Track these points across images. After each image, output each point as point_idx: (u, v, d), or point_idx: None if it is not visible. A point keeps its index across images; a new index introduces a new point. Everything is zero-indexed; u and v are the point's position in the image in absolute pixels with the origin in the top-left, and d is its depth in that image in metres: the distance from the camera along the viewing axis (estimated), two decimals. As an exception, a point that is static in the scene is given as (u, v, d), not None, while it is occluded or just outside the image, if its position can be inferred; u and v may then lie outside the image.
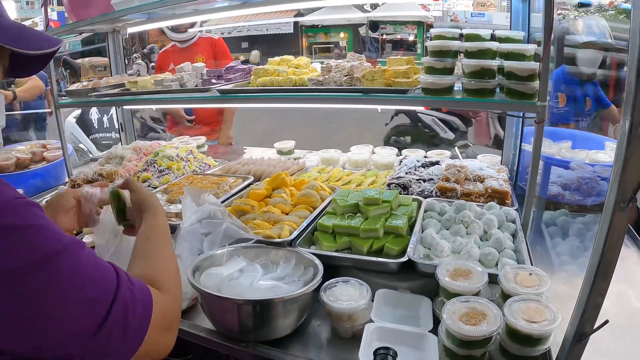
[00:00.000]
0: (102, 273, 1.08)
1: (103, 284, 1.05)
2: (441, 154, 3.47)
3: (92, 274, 1.05)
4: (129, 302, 1.08)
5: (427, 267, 1.94)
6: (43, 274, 0.96)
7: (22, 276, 0.94)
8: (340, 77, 2.65)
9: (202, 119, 5.12)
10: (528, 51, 2.24)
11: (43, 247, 0.98)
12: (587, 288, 1.27)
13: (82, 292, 1.01)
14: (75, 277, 1.01)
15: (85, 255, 1.06)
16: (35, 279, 0.95)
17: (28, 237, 0.97)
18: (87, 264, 1.06)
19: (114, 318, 1.03)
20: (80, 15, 3.47)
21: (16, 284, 0.93)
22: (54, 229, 1.03)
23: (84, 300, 1.01)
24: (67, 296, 0.99)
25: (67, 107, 3.93)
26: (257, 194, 2.70)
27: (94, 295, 1.02)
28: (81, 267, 1.03)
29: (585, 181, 2.57)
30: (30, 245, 0.96)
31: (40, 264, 0.96)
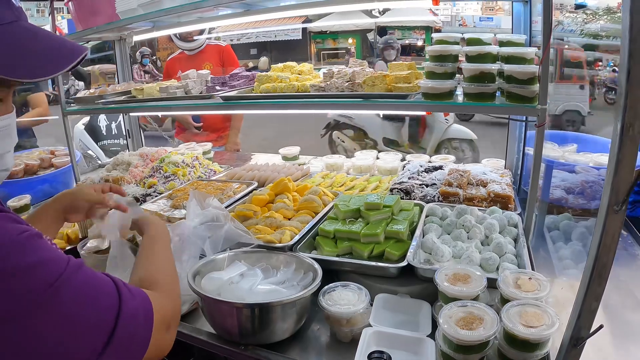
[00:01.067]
0: (102, 291, 1.09)
1: (105, 304, 1.07)
2: (445, 159, 3.47)
3: (92, 296, 1.05)
4: (132, 315, 1.10)
5: (426, 272, 1.94)
6: (47, 311, 0.96)
7: (27, 317, 0.94)
8: (342, 83, 2.66)
9: (209, 126, 5.14)
10: (528, 54, 2.24)
11: (49, 282, 0.98)
12: (582, 292, 1.26)
13: (85, 317, 1.02)
14: (77, 305, 1.01)
15: (83, 276, 1.06)
16: (39, 317, 0.95)
17: (32, 277, 0.96)
18: (87, 286, 1.06)
19: (120, 334, 1.05)
20: (87, 24, 3.52)
21: (20, 326, 0.94)
22: (54, 256, 1.03)
23: (89, 324, 1.02)
24: (71, 325, 0.99)
25: (75, 114, 3.95)
26: (259, 200, 2.71)
27: (97, 317, 1.04)
28: (81, 293, 1.04)
29: (590, 184, 2.56)
30: (37, 284, 0.97)
31: (44, 302, 0.96)
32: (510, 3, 2.89)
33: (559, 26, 3.06)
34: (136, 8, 3.07)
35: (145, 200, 3.10)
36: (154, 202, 3.00)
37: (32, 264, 0.97)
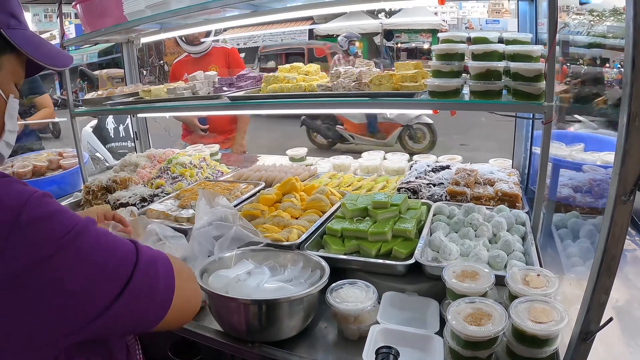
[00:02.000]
0: (119, 241, 1.14)
1: (123, 250, 1.12)
2: (452, 159, 3.47)
3: (110, 243, 1.11)
4: (150, 263, 1.15)
5: (434, 270, 1.94)
6: (71, 253, 1.01)
7: (55, 259, 0.99)
8: (348, 82, 2.66)
9: (215, 128, 5.15)
10: (534, 52, 2.23)
11: (68, 228, 1.03)
12: (591, 286, 1.26)
13: (103, 261, 1.06)
14: (95, 251, 1.06)
15: (100, 229, 1.12)
16: (66, 258, 1.00)
17: (55, 223, 1.02)
18: (104, 235, 1.12)
19: (138, 277, 1.10)
20: (95, 26, 3.53)
21: (52, 269, 0.98)
22: (70, 212, 1.09)
23: (107, 269, 1.06)
24: (89, 268, 1.04)
25: (83, 115, 3.97)
26: (267, 199, 2.71)
27: (116, 260, 1.08)
28: (99, 240, 1.08)
29: (597, 183, 2.55)
30: (57, 230, 1.01)
31: (63, 247, 1.00)
32: (516, 3, 2.89)
33: (566, 28, 3.05)
34: (144, 9, 3.08)
35: (153, 201, 3.11)
36: (161, 202, 3.01)
37: (49, 213, 1.02)
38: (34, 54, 1.20)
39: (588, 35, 4.90)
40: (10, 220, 0.96)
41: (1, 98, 1.20)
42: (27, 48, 1.19)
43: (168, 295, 1.17)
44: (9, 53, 1.18)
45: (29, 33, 1.23)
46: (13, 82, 1.23)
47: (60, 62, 1.30)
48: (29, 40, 1.20)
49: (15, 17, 1.19)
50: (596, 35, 4.99)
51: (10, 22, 1.17)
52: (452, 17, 23.88)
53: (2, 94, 1.20)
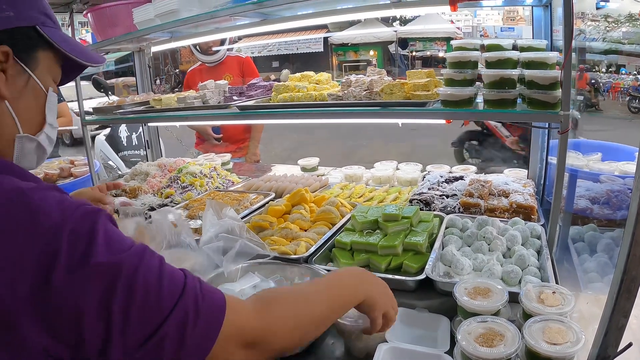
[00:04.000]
0: (169, 277, 1.04)
1: (170, 289, 1.02)
2: (466, 169, 3.41)
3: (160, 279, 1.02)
4: (190, 313, 1.02)
5: (445, 285, 1.88)
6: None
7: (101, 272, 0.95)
8: (359, 91, 2.61)
9: (229, 137, 5.13)
10: (549, 59, 2.17)
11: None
12: (610, 308, 1.19)
13: (140, 297, 0.98)
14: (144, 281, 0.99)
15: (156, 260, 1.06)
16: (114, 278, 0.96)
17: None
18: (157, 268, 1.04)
19: (167, 329, 0.99)
20: (106, 35, 3.54)
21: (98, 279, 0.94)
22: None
23: (139, 307, 0.97)
24: (126, 300, 0.96)
25: (94, 124, 3.97)
26: (276, 210, 2.67)
27: (152, 302, 0.99)
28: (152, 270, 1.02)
29: (615, 194, 2.48)
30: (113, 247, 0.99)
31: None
32: (531, 9, 2.83)
33: (581, 35, 3.00)
34: (153, 18, 3.07)
35: (162, 211, 3.08)
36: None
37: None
38: (69, 50, 1.24)
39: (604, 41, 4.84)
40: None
41: (41, 92, 1.22)
42: (62, 44, 1.22)
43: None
44: (46, 49, 1.21)
45: (62, 33, 1.25)
46: (51, 78, 1.26)
47: (94, 59, 1.34)
48: (64, 39, 1.24)
49: (50, 17, 1.23)
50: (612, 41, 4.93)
51: (45, 20, 1.20)
52: (467, 25, 23.85)
53: (42, 87, 1.22)
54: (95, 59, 1.35)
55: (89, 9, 3.60)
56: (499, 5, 6.71)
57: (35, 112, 1.23)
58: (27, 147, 1.22)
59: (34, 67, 1.18)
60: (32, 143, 1.23)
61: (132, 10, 3.26)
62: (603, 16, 4.48)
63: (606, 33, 5.66)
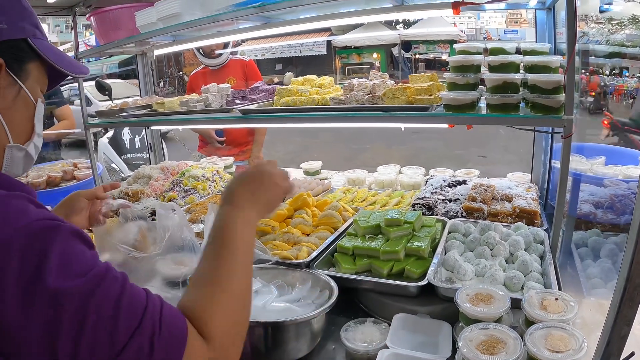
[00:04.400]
0: (127, 306, 0.96)
1: (127, 320, 0.95)
2: (469, 173, 3.40)
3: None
4: (145, 349, 0.94)
5: (447, 291, 1.86)
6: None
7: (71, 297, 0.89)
8: (362, 95, 2.61)
9: (232, 140, 5.13)
10: (553, 63, 2.16)
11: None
12: (612, 316, 1.18)
13: (91, 329, 0.90)
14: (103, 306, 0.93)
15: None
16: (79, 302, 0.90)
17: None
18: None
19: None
20: (109, 38, 3.55)
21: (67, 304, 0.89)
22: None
23: (89, 340, 0.90)
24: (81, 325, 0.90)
25: (97, 127, 3.98)
26: (278, 215, 2.66)
27: (104, 335, 0.91)
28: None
29: (619, 198, 2.46)
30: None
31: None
32: (534, 12, 2.82)
33: (584, 37, 2.99)
34: (156, 22, 3.08)
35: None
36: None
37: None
38: (56, 61, 1.25)
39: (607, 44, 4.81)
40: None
41: (31, 102, 1.24)
42: (50, 56, 1.24)
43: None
44: (36, 61, 1.23)
45: (49, 44, 1.28)
46: (39, 88, 1.27)
47: (79, 70, 1.35)
48: (51, 50, 1.26)
49: (39, 29, 1.25)
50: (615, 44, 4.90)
51: (35, 32, 1.22)
52: (470, 28, 23.86)
53: (32, 99, 1.23)
54: (81, 70, 1.37)
55: (92, 13, 3.61)
56: (502, 8, 6.67)
57: (25, 122, 1.24)
58: (16, 156, 1.22)
59: (24, 79, 1.20)
60: (20, 152, 1.23)
61: (134, 13, 3.26)
62: (606, 19, 4.44)
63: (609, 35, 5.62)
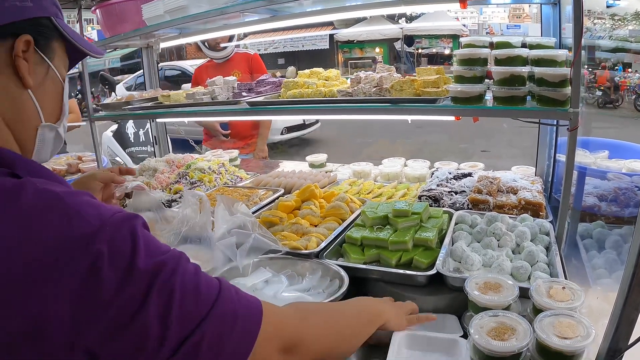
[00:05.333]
0: (205, 282, 1.04)
1: (208, 292, 1.02)
2: (474, 166, 3.42)
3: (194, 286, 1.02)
4: (228, 315, 1.02)
5: (456, 281, 1.89)
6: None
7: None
8: (369, 88, 2.63)
9: (237, 133, 5.15)
10: (559, 57, 2.18)
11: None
12: (621, 302, 1.21)
13: (178, 300, 0.96)
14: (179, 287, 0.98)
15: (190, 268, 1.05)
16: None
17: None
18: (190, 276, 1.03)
19: (205, 331, 0.97)
20: (115, 31, 3.56)
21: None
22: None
23: (177, 309, 0.95)
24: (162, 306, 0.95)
25: (102, 120, 3.99)
26: (286, 206, 2.68)
27: (189, 304, 0.98)
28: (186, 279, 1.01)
29: (623, 191, 2.48)
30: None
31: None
32: (539, 7, 2.84)
33: (587, 33, 3.00)
34: (163, 14, 3.08)
35: (171, 206, 3.10)
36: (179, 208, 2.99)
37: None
38: (77, 40, 1.27)
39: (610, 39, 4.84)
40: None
41: (59, 81, 1.25)
42: (72, 35, 1.25)
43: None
44: (59, 40, 1.23)
45: (67, 24, 1.27)
46: (63, 67, 1.28)
47: (96, 50, 1.38)
48: (71, 30, 1.26)
49: (59, 10, 1.25)
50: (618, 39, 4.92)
51: (57, 12, 1.22)
52: (473, 22, 23.81)
53: (60, 78, 1.25)
54: (97, 50, 1.39)
55: (98, 5, 3.62)
56: (508, 2, 6.67)
57: (55, 101, 1.25)
58: (48, 137, 1.23)
59: (51, 57, 1.21)
60: (52, 132, 1.24)
61: (141, 6, 3.27)
62: (610, 14, 4.46)
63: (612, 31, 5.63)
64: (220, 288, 1.05)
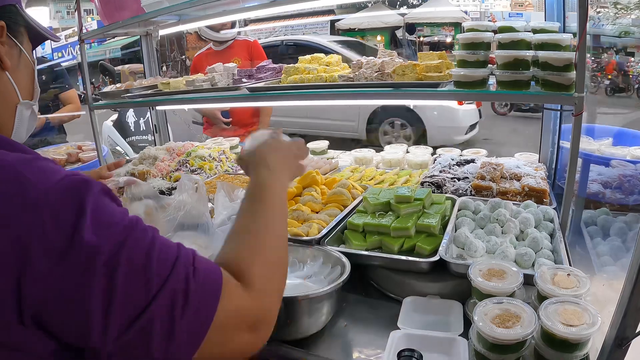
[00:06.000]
0: (158, 253, 0.97)
1: (159, 266, 0.95)
2: (477, 152, 3.38)
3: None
4: (180, 293, 0.94)
5: (459, 267, 1.86)
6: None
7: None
8: (371, 73, 2.59)
9: (238, 121, 5.11)
10: (563, 41, 2.14)
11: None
12: (629, 289, 1.18)
13: (124, 277, 0.90)
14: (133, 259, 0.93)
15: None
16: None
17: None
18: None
19: (154, 310, 0.91)
20: (113, 19, 3.51)
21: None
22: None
23: (123, 287, 0.90)
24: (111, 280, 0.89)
25: (101, 108, 3.96)
26: (287, 192, 2.65)
27: (137, 281, 0.92)
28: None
29: (627, 179, 2.46)
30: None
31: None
32: (544, -8, 2.80)
33: (590, 21, 2.98)
34: (161, 1, 3.04)
35: (171, 194, 3.06)
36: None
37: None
38: (38, 26, 1.34)
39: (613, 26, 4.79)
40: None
41: (30, 63, 1.32)
42: (33, 21, 1.32)
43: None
44: (24, 26, 1.29)
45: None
46: (30, 51, 1.34)
47: (54, 35, 1.48)
48: (31, 17, 1.33)
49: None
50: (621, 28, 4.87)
51: (19, 0, 1.28)
52: (475, 10, 23.64)
53: (30, 60, 1.32)
54: (54, 35, 1.50)
55: (96, -7, 3.58)
56: (512, -11, 6.67)
57: (28, 81, 1.32)
58: (25, 115, 1.29)
59: (21, 41, 1.27)
60: (28, 110, 1.30)
61: (139, -8, 3.23)
62: (612, 3, 4.42)
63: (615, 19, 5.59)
64: (177, 258, 0.98)
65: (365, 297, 2.04)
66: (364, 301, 2.02)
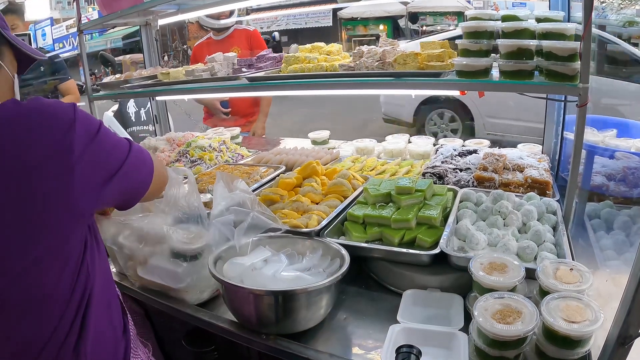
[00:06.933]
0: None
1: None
2: (480, 143, 3.35)
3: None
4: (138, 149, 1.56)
5: (460, 260, 1.83)
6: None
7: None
8: (372, 62, 2.56)
9: (238, 111, 5.08)
10: (568, 30, 2.10)
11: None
12: (633, 286, 1.15)
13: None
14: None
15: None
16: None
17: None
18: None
19: (133, 155, 1.50)
20: (112, 9, 3.48)
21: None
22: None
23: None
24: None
25: (101, 99, 3.93)
26: (286, 183, 2.62)
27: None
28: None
29: (632, 171, 2.42)
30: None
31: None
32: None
33: (595, 11, 2.94)
34: (160, -11, 3.01)
35: (171, 184, 3.04)
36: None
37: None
38: (22, 46, 1.56)
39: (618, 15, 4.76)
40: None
41: (10, 77, 1.53)
42: (16, 42, 1.54)
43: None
44: (7, 46, 1.52)
45: (14, 35, 1.56)
46: (13, 69, 1.57)
47: (37, 53, 1.65)
48: (17, 39, 1.55)
49: (4, 22, 1.54)
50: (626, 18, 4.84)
51: (3, 25, 1.52)
52: (478, 0, 23.52)
53: (10, 73, 1.53)
54: (39, 53, 1.66)
55: (95, -17, 3.55)
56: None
57: (8, 92, 1.52)
58: None
59: (2, 59, 1.49)
60: None
61: (137, -18, 3.20)
62: (618, -11, 4.37)
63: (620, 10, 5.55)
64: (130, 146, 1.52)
65: (365, 290, 2.02)
66: (364, 294, 2.00)
